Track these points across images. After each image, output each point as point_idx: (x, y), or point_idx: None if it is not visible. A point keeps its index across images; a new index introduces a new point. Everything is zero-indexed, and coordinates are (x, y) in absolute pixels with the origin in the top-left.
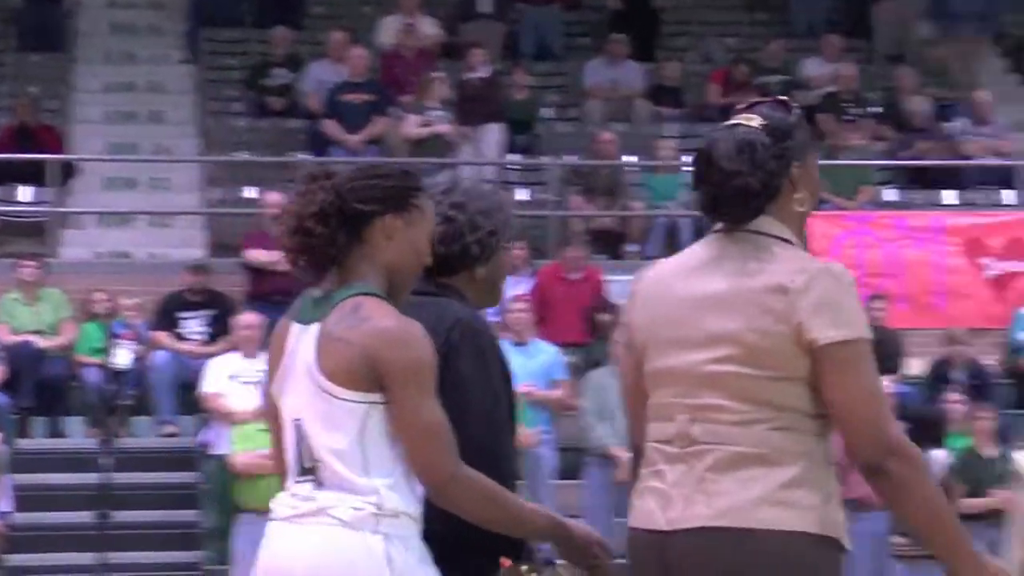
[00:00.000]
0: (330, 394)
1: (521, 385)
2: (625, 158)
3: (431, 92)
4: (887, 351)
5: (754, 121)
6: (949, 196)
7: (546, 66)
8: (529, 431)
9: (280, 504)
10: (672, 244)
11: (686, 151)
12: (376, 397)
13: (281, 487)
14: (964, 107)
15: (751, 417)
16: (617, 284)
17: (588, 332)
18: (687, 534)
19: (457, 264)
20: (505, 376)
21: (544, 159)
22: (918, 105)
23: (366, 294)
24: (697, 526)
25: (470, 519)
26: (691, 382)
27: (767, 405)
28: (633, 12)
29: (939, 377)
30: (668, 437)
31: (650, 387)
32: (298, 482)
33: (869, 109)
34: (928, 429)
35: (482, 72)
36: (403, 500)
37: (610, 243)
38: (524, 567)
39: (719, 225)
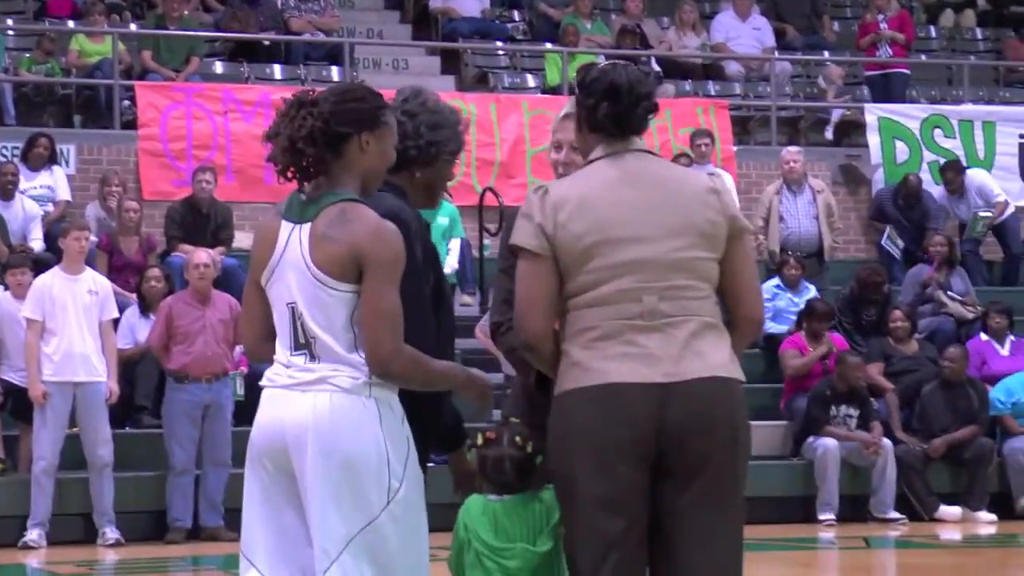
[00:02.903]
0: (324, 284)
1: None
2: None
3: None
4: (218, 223)
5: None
6: (276, 70)
7: None
8: None
9: (277, 374)
10: None
11: None
12: (360, 287)
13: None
14: None
15: (706, 293)
16: None
17: None
18: (688, 384)
19: (400, 163)
20: (428, 259)
21: None
22: None
23: (349, 200)
24: (697, 377)
25: (407, 386)
26: (658, 268)
27: (711, 282)
28: None
29: None
30: (635, 314)
31: (607, 277)
32: (293, 355)
33: None
34: None
35: None
36: None
37: None
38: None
39: (603, 147)
